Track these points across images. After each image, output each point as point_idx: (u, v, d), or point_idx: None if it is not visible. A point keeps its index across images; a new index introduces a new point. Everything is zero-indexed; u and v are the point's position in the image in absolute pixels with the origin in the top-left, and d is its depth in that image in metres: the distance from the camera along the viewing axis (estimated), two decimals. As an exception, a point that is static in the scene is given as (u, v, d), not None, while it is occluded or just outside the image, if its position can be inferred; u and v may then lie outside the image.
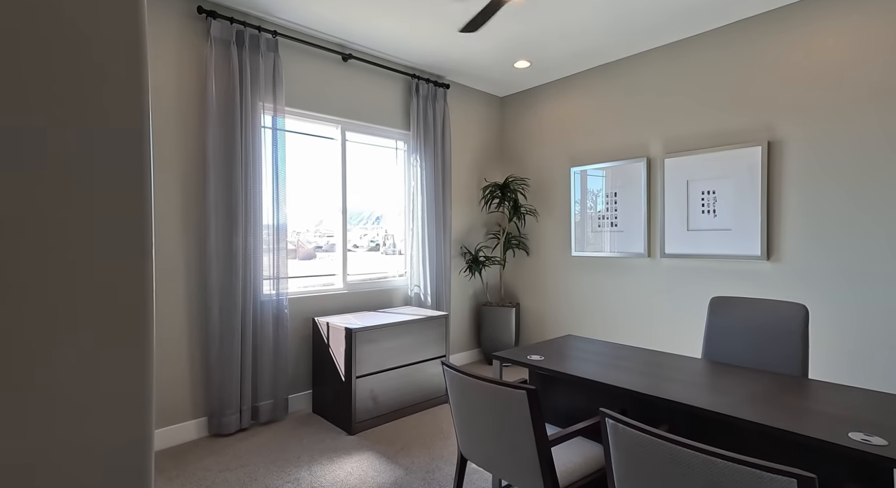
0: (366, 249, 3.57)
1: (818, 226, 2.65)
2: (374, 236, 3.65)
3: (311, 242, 3.30)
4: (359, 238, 3.54)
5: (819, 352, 2.67)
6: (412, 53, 3.46)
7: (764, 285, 2.85)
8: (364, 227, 3.56)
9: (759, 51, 2.85)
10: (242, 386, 2.73)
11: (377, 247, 3.66)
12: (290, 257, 3.19)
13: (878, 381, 2.46)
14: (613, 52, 3.45)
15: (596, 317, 3.74)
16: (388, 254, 3.73)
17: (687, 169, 3.18)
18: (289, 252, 3.17)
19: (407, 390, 2.99)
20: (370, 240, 3.62)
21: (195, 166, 2.64)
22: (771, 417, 1.34)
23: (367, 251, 3.58)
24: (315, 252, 3.33)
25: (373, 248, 3.62)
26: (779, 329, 1.95)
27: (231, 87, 2.67)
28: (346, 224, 3.42)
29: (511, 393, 1.38)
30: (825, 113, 2.61)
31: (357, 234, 3.52)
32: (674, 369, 1.82)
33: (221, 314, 2.67)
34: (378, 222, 3.66)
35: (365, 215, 3.57)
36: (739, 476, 0.89)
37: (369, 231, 3.60)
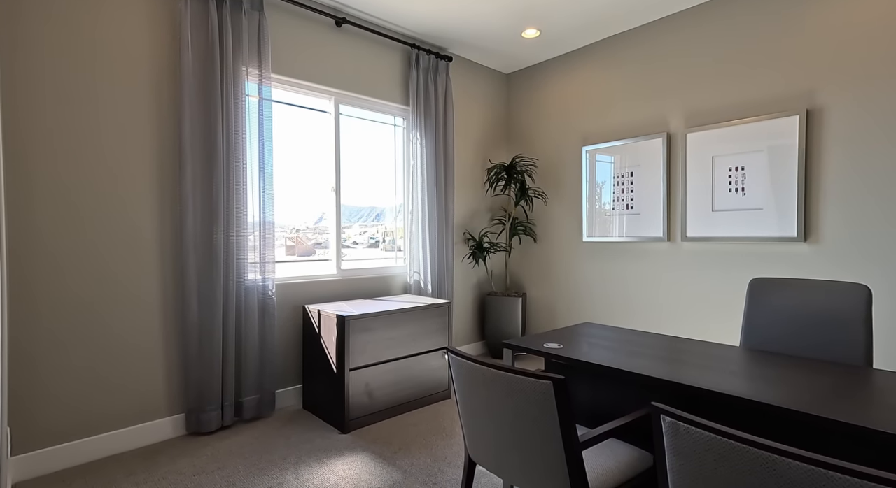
0: (365, 246, 3.39)
1: (864, 203, 2.38)
2: (374, 233, 3.42)
3: (310, 239, 3.07)
4: (358, 235, 3.34)
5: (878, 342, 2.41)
6: (412, 20, 3.18)
7: (800, 269, 2.58)
8: (364, 225, 3.35)
9: (797, 6, 2.57)
10: (224, 380, 2.47)
11: (377, 243, 3.44)
12: (289, 254, 2.97)
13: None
14: (630, 18, 3.17)
15: (610, 307, 3.47)
16: (387, 251, 3.49)
17: (712, 143, 2.91)
18: (288, 248, 2.98)
19: (406, 384, 2.73)
20: (370, 237, 3.40)
21: (169, 138, 2.37)
22: (847, 413, 1.08)
23: (366, 247, 3.39)
24: (315, 248, 3.10)
25: (372, 245, 3.42)
26: (835, 313, 1.69)
27: (209, 47, 2.40)
28: (340, 205, 3.16)
29: (533, 385, 1.12)
30: (875, 73, 2.34)
31: (357, 231, 3.34)
32: (713, 358, 1.56)
33: (200, 301, 2.41)
34: (378, 219, 3.43)
35: (365, 212, 3.35)
36: (868, 496, 0.63)
37: (369, 228, 3.39)
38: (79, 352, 2.11)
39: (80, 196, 2.11)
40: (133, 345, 2.26)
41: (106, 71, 2.17)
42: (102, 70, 2.16)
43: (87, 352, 2.13)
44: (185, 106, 2.33)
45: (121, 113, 2.21)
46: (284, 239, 3.00)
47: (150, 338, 2.31)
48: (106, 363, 2.18)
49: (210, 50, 2.40)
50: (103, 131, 2.17)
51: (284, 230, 2.99)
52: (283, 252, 2.99)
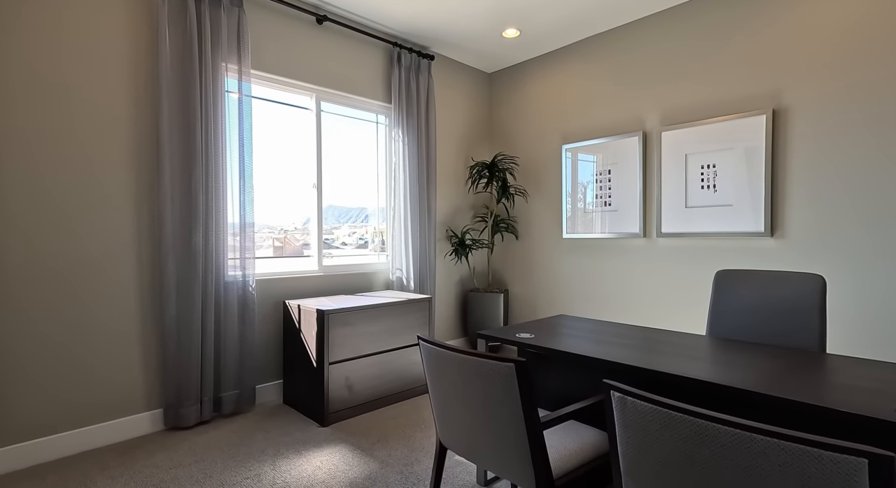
0: (354, 246, 3.43)
1: (827, 198, 2.48)
2: (363, 233, 3.46)
3: (298, 240, 3.09)
4: (347, 236, 3.38)
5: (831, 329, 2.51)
6: (393, 19, 3.21)
7: (768, 263, 2.67)
8: (353, 226, 3.40)
9: (764, 11, 2.66)
10: (203, 375, 2.47)
11: (365, 244, 3.48)
12: (277, 254, 3.00)
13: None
14: (606, 20, 3.24)
15: (589, 302, 3.54)
16: (376, 252, 3.53)
17: (685, 142, 2.99)
18: (276, 249, 3.01)
19: (386, 378, 2.76)
20: (359, 238, 3.44)
21: (147, 133, 2.37)
22: (799, 392, 1.14)
23: (355, 248, 3.44)
24: (303, 249, 3.13)
25: (361, 246, 3.46)
26: (792, 302, 1.76)
27: (188, 42, 2.40)
28: (322, 201, 3.17)
29: (496, 368, 1.16)
30: (836, 76, 2.44)
31: (346, 232, 3.38)
32: (679, 346, 1.62)
33: (179, 297, 2.41)
34: (367, 220, 3.47)
35: (354, 213, 3.40)
36: (788, 456, 0.69)
37: (358, 229, 3.43)
38: (53, 347, 2.10)
39: (56, 191, 2.10)
40: (109, 341, 2.25)
41: (81, 65, 2.16)
42: (78, 64, 2.15)
43: (61, 348, 2.12)
44: (164, 100, 2.33)
45: (96, 108, 2.21)
46: (272, 239, 3.01)
47: (127, 333, 2.30)
48: (81, 359, 2.17)
49: (188, 45, 2.40)
50: (77, 128, 2.16)
51: (273, 231, 3.00)
52: (271, 253, 3.01)
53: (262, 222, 2.95)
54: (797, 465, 0.68)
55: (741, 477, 0.74)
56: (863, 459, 0.63)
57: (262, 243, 2.96)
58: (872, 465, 0.63)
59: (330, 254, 3.29)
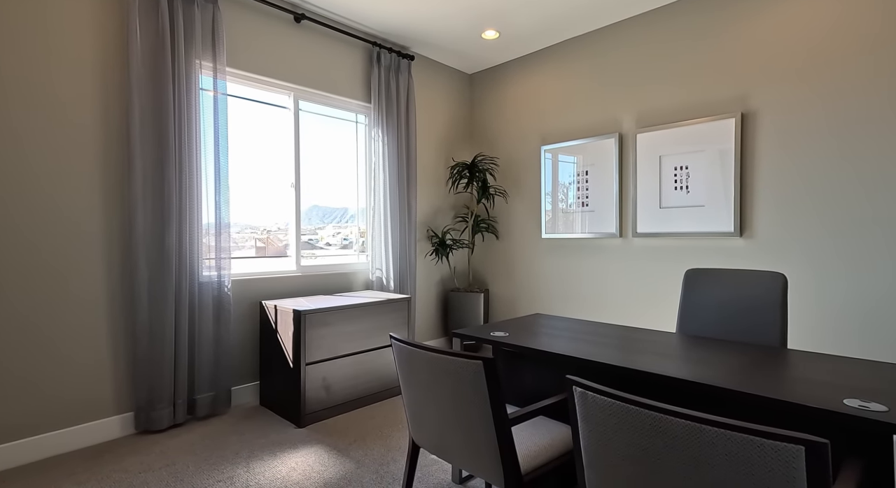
0: (338, 247, 3.43)
1: (791, 200, 2.56)
2: (348, 234, 3.45)
3: (281, 240, 3.06)
4: (332, 236, 3.36)
5: (795, 324, 2.59)
6: (372, 18, 3.21)
7: (737, 262, 2.75)
8: (337, 226, 3.39)
9: (732, 17, 2.74)
10: (177, 378, 2.43)
11: (350, 244, 3.47)
12: (259, 255, 2.97)
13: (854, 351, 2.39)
14: (583, 23, 3.29)
15: (568, 302, 3.59)
16: (362, 252, 3.52)
17: (659, 143, 3.06)
18: (258, 249, 2.99)
19: (364, 378, 2.75)
20: (343, 239, 3.43)
21: (116, 131, 2.32)
22: (757, 386, 1.18)
23: (339, 249, 3.44)
24: (286, 250, 3.11)
25: (345, 246, 3.45)
26: (756, 299, 1.82)
27: (160, 38, 2.35)
28: (300, 200, 3.15)
29: (465, 366, 1.18)
30: (799, 81, 2.52)
31: (330, 232, 3.37)
32: (649, 343, 1.66)
33: (151, 298, 2.36)
34: (352, 220, 3.47)
35: (338, 213, 3.39)
36: (734, 445, 0.71)
37: (342, 229, 3.41)
38: (15, 350, 2.03)
39: (17, 191, 2.04)
40: (76, 344, 2.19)
41: (47, 62, 2.11)
42: (43, 61, 2.10)
43: (23, 351, 2.06)
44: (134, 97, 2.29)
45: (61, 105, 2.15)
46: (255, 240, 2.98)
47: (96, 336, 2.25)
48: (45, 362, 2.11)
49: (160, 41, 2.35)
50: (40, 126, 2.10)
51: (255, 231, 2.97)
52: (254, 253, 2.98)
53: (245, 222, 2.92)
54: (742, 454, 0.71)
55: (692, 466, 0.77)
56: (800, 446, 0.66)
57: (244, 243, 2.93)
58: (809, 451, 0.66)
59: (314, 254, 3.27)
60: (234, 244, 2.88)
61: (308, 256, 3.23)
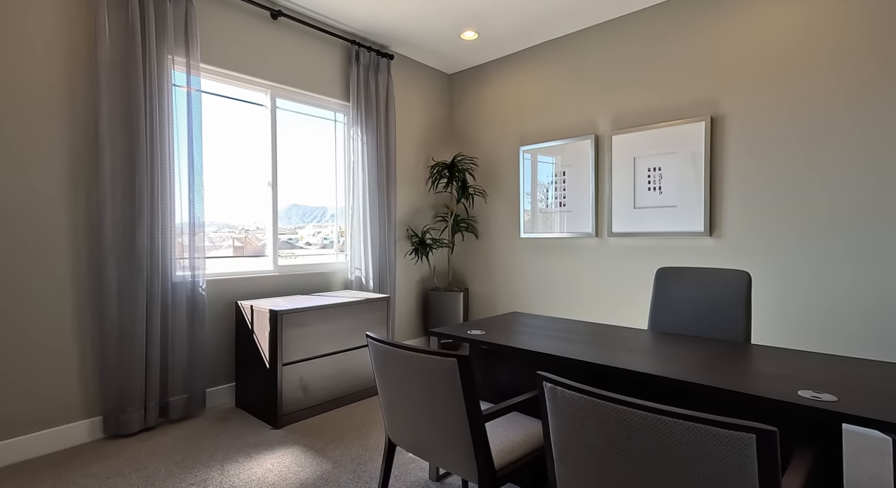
0: (318, 246, 3.40)
1: (756, 202, 2.66)
2: (328, 233, 3.42)
3: (260, 240, 3.01)
4: (312, 236, 3.34)
5: (760, 321, 2.69)
6: (351, 17, 3.19)
7: (707, 260, 2.84)
8: (318, 226, 3.36)
9: (703, 23, 2.83)
10: (148, 380, 2.37)
11: (330, 244, 3.44)
12: (237, 255, 2.93)
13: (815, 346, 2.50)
14: (561, 26, 3.35)
15: (546, 300, 3.64)
16: (341, 252, 3.50)
17: (634, 145, 3.13)
18: (236, 249, 2.95)
19: (343, 378, 2.74)
20: (323, 238, 3.40)
21: (84, 126, 2.25)
22: (719, 380, 1.23)
23: (320, 248, 3.41)
24: (264, 249, 3.05)
25: (326, 246, 3.43)
26: (722, 296, 1.89)
27: (129, 33, 2.29)
28: (277, 197, 3.11)
29: (440, 363, 1.19)
30: (766, 89, 2.62)
31: (310, 232, 3.35)
32: (620, 340, 1.70)
33: (121, 298, 2.30)
34: (333, 220, 3.44)
35: (318, 212, 3.36)
36: (692, 434, 0.75)
37: (322, 228, 3.39)
38: (-22, 352, 1.96)
39: (-20, 185, 1.96)
40: (42, 346, 2.12)
41: (10, 54, 2.03)
42: (5, 53, 2.02)
43: (-13, 353, 1.98)
44: (103, 92, 2.22)
45: (23, 99, 2.08)
46: (233, 239, 2.93)
47: (62, 336, 2.18)
48: (9, 365, 2.04)
49: (130, 35, 2.29)
50: (4, 118, 2.03)
51: (233, 230, 2.92)
52: (231, 253, 2.93)
53: (222, 221, 2.87)
54: (699, 443, 0.74)
55: (653, 456, 0.80)
56: (751, 434, 0.70)
57: (221, 243, 2.88)
58: (759, 439, 0.70)
59: (293, 254, 3.24)
60: (212, 243, 2.83)
61: (287, 256, 3.20)
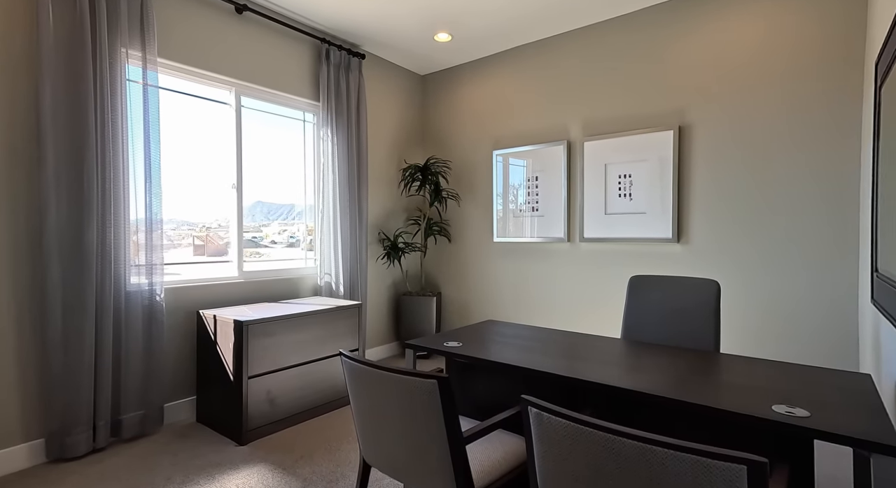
0: (284, 245, 3.25)
1: (717, 210, 2.75)
2: (294, 232, 3.29)
3: (222, 238, 2.86)
4: (277, 234, 3.19)
5: (724, 326, 2.79)
6: (321, 14, 3.08)
7: (675, 266, 2.92)
8: (283, 223, 3.22)
9: (669, 36, 2.90)
10: (98, 397, 2.20)
11: (297, 243, 3.31)
12: (198, 253, 2.76)
13: (775, 352, 2.61)
14: (533, 31, 3.35)
15: (519, 304, 3.65)
16: (305, 253, 3.37)
17: (605, 152, 3.18)
18: (196, 248, 2.79)
19: (313, 389, 2.64)
20: (289, 236, 3.26)
21: (23, 121, 2.06)
22: (694, 394, 1.24)
23: (285, 247, 3.27)
24: (227, 248, 2.91)
25: (292, 244, 3.29)
26: (692, 305, 1.93)
27: (77, 23, 2.12)
28: (242, 200, 2.96)
29: (419, 385, 1.14)
30: (731, 98, 2.71)
31: (276, 230, 3.19)
32: (594, 350, 1.70)
33: (67, 308, 2.12)
34: (300, 217, 3.32)
35: (285, 209, 3.21)
36: (683, 465, 0.73)
37: (288, 227, 3.25)
38: None
39: None
40: (-25, 363, 1.93)
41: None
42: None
43: None
44: (46, 87, 2.04)
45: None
46: (192, 237, 2.77)
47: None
48: (-63, 386, 1.84)
49: (77, 25, 2.11)
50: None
51: (193, 227, 2.76)
52: (191, 252, 2.77)
53: (181, 219, 2.70)
54: (690, 473, 0.73)
55: (643, 486, 0.78)
56: (742, 466, 0.69)
57: (180, 241, 2.71)
58: (750, 471, 0.69)
59: (258, 253, 3.10)
60: (170, 242, 2.66)
61: (252, 256, 3.05)
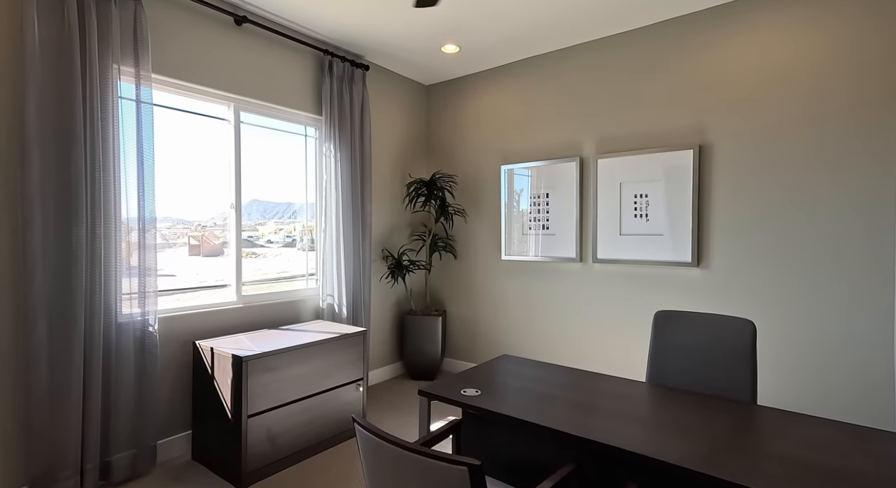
0: (280, 245, 3.11)
1: (745, 232, 2.63)
2: (290, 231, 3.14)
3: (217, 237, 2.71)
4: (273, 233, 3.03)
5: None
6: (324, 24, 2.94)
7: (694, 292, 2.79)
8: (279, 223, 3.07)
9: (692, 48, 2.77)
10: (86, 437, 2.06)
11: (293, 242, 3.17)
12: (193, 253, 2.62)
13: (811, 402, 2.48)
14: (545, 42, 3.22)
15: (528, 326, 3.52)
16: (304, 251, 3.22)
17: (620, 170, 3.05)
18: (192, 247, 2.65)
19: (316, 423, 2.50)
20: (286, 236, 3.12)
21: (5, 146, 1.92)
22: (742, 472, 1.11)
23: (281, 247, 3.12)
24: (223, 248, 2.77)
25: (288, 244, 3.13)
26: (726, 347, 1.81)
27: (65, 38, 1.97)
28: (241, 223, 2.82)
29: (446, 471, 1.01)
30: (755, 116, 2.58)
31: (271, 229, 3.06)
32: (623, 400, 1.58)
33: (52, 341, 1.97)
34: (295, 216, 3.18)
35: (281, 208, 3.06)
36: None
37: (285, 226, 3.09)
38: None
39: None
40: (-48, 410, 1.78)
41: None
42: None
43: None
44: (30, 106, 1.89)
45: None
46: (188, 237, 2.63)
47: (-21, 397, 1.84)
48: None
49: (66, 41, 1.97)
50: None
51: (188, 226, 2.62)
52: (187, 251, 2.62)
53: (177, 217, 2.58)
54: None
55: None
56: None
57: (175, 240, 2.58)
58: None
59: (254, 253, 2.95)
60: (165, 241, 2.53)
61: (249, 282, 2.91)
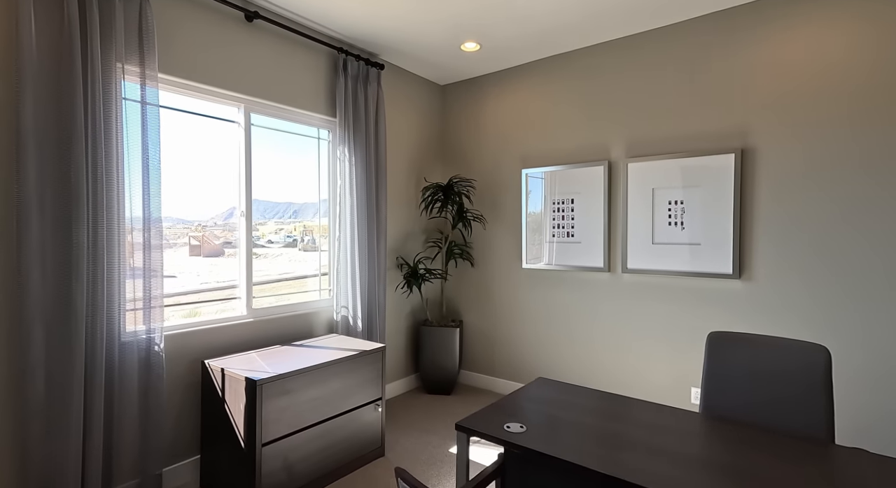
0: (281, 245, 2.96)
1: (793, 243, 2.44)
2: (291, 230, 2.99)
3: (218, 237, 2.56)
4: (274, 233, 2.89)
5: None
6: (338, 21, 2.77)
7: (736, 306, 2.61)
8: (280, 222, 2.92)
9: (734, 47, 2.59)
10: (86, 468, 1.90)
11: (294, 242, 3.02)
12: (193, 254, 2.47)
13: (870, 425, 2.30)
14: (571, 40, 3.05)
15: (551, 339, 3.34)
16: (306, 251, 3.06)
17: (653, 175, 2.87)
18: (192, 248, 2.50)
19: (333, 449, 2.33)
20: (286, 236, 2.97)
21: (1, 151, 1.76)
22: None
23: (282, 247, 2.97)
24: (224, 248, 2.62)
25: (289, 244, 2.98)
26: (795, 376, 1.62)
27: (66, 36, 1.81)
28: (251, 230, 2.66)
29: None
30: (805, 120, 2.40)
31: (272, 229, 2.91)
32: (674, 434, 1.40)
33: (51, 369, 1.82)
34: (296, 216, 3.02)
35: (281, 208, 2.90)
36: None
37: (286, 225, 2.94)
38: None
39: None
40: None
41: None
42: None
43: None
44: (27, 108, 1.73)
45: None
46: (188, 237, 2.47)
47: (-29, 428, 1.68)
48: None
49: (66, 39, 1.81)
50: None
51: (189, 226, 2.46)
52: (187, 251, 2.47)
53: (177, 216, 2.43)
54: None
55: None
56: None
57: (175, 240, 2.42)
58: None
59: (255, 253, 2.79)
60: (166, 242, 2.37)
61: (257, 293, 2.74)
